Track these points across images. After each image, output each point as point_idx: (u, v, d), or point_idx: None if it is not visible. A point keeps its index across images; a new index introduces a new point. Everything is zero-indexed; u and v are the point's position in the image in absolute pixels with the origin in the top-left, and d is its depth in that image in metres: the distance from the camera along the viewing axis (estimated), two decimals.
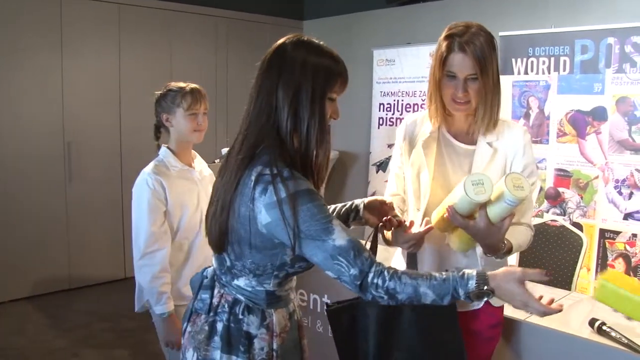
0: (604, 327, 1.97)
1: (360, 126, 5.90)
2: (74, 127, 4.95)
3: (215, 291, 1.58)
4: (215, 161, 4.43)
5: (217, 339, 1.53)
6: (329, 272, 1.42)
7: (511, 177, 1.52)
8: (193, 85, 2.35)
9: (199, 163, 2.51)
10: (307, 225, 1.39)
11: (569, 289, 3.02)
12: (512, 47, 4.17)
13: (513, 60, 4.16)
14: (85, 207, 5.07)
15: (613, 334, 1.93)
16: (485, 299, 1.41)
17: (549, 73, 4.02)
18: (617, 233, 3.78)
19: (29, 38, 4.65)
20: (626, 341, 1.89)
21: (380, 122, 5.60)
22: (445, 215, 1.62)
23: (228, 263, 1.55)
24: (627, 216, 3.73)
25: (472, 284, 1.37)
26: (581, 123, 3.90)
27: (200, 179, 2.43)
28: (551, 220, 3.57)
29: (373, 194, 5.58)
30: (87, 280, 5.09)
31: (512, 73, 4.17)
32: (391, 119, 5.51)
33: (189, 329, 1.60)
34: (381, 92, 5.57)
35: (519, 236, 1.75)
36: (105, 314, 4.47)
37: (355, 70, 6.01)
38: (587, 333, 1.99)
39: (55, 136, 4.90)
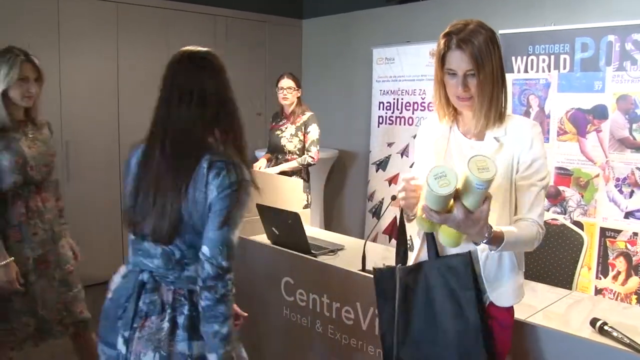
0: (606, 327, 1.96)
1: (359, 125, 5.89)
2: (72, 126, 4.93)
3: (163, 291, 1.68)
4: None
5: (180, 332, 1.64)
6: (205, 249, 1.61)
7: (474, 160, 1.51)
8: None
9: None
10: (235, 212, 1.63)
11: (570, 288, 3.00)
12: (512, 45, 4.16)
13: (513, 58, 4.15)
14: (84, 206, 5.05)
15: (615, 334, 1.91)
16: None
17: (549, 71, 4.00)
18: (618, 232, 3.76)
19: (26, 37, 4.61)
20: (628, 341, 1.87)
21: (380, 121, 5.59)
22: (423, 216, 1.62)
23: (178, 255, 1.67)
24: (628, 215, 3.72)
25: None
26: (582, 121, 3.88)
27: None
28: (552, 219, 3.55)
29: (372, 193, 5.56)
30: (86, 280, 5.05)
31: (512, 71, 4.15)
32: (391, 118, 5.49)
33: (137, 334, 1.65)
34: (381, 90, 5.56)
35: (515, 227, 1.74)
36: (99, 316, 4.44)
37: (354, 69, 6.01)
38: (589, 333, 1.98)
39: (54, 135, 4.88)
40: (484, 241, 1.65)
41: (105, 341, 1.78)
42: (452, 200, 1.56)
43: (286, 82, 4.48)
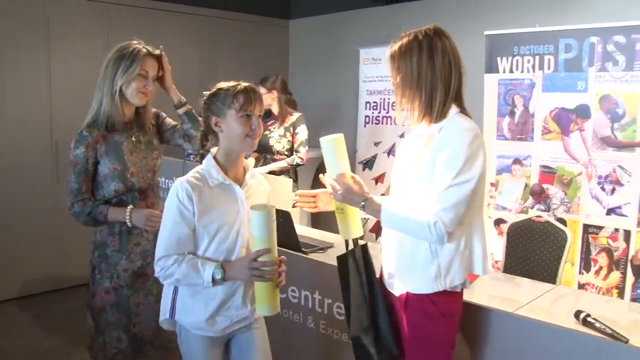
0: (589, 319, 2.03)
1: (346, 124, 5.95)
2: (62, 126, 4.93)
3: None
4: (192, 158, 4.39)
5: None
6: None
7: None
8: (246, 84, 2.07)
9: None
10: None
11: (554, 282, 3.08)
12: (497, 46, 4.23)
13: (498, 58, 4.22)
14: None
15: (597, 324, 1.99)
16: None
17: (534, 71, 4.08)
18: (600, 228, 3.85)
19: (16, 37, 4.64)
20: (610, 331, 1.95)
21: (367, 121, 5.65)
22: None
23: None
24: (610, 211, 3.81)
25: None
26: (565, 120, 3.97)
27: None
28: (536, 217, 3.63)
29: None
30: (75, 280, 5.08)
31: (498, 71, 4.23)
32: (377, 118, 5.55)
33: None
34: (367, 90, 5.62)
35: (405, 209, 1.93)
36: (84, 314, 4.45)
37: (341, 69, 6.06)
38: (573, 324, 2.05)
39: (43, 135, 4.89)
40: (361, 210, 2.01)
41: None
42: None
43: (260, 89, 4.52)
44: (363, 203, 1.98)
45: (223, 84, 2.04)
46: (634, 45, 3.61)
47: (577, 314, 2.08)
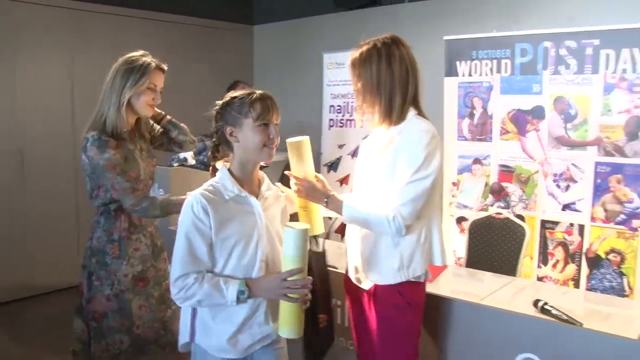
0: (546, 306, 2.18)
1: (311, 128, 6.04)
2: (27, 135, 4.92)
3: None
4: (174, 165, 4.46)
5: None
6: None
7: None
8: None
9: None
10: None
11: (514, 275, 3.24)
12: (456, 50, 4.39)
13: (457, 62, 4.38)
14: (39, 215, 5.04)
15: (554, 311, 2.14)
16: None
17: (492, 75, 4.25)
18: (556, 223, 4.04)
19: None
20: (565, 317, 2.10)
21: (331, 124, 5.76)
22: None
23: None
24: (565, 207, 3.99)
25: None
26: (522, 121, 4.14)
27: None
28: (496, 214, 3.79)
29: None
30: (43, 288, 5.06)
31: (457, 75, 4.39)
32: (341, 121, 5.67)
33: None
34: (331, 94, 5.73)
35: (366, 205, 2.04)
36: (64, 321, 4.39)
37: (306, 73, 6.16)
38: (532, 312, 2.19)
39: (8, 143, 4.86)
40: (325, 206, 2.12)
41: None
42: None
43: None
44: (326, 200, 2.10)
45: (236, 93, 1.95)
46: (584, 49, 3.81)
47: (535, 303, 2.23)
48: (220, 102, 1.95)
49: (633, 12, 3.80)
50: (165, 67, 2.56)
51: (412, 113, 2.09)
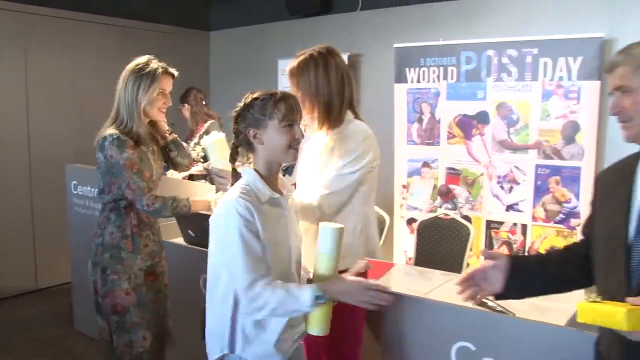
0: (483, 299, 2.33)
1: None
2: None
3: None
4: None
5: None
6: None
7: None
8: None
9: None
10: None
11: (460, 272, 3.40)
12: (405, 57, 4.57)
13: (407, 69, 4.55)
14: None
15: (490, 303, 2.29)
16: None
17: (439, 81, 4.43)
18: (501, 223, 4.24)
19: None
20: (500, 309, 2.26)
21: None
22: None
23: None
24: (509, 208, 4.20)
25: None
26: (467, 126, 4.34)
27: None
28: (444, 214, 3.96)
29: None
30: (8, 292, 5.00)
31: (406, 81, 4.56)
32: None
33: None
34: None
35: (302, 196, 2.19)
36: (23, 325, 4.42)
37: (261, 80, 6.23)
38: (470, 304, 2.33)
39: None
40: None
41: None
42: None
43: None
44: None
45: (257, 94, 1.88)
46: (525, 58, 4.02)
47: None
48: (240, 104, 1.90)
49: (569, 24, 4.02)
50: (173, 71, 2.64)
51: (349, 117, 2.26)
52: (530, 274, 1.75)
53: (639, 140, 1.52)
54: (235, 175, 1.93)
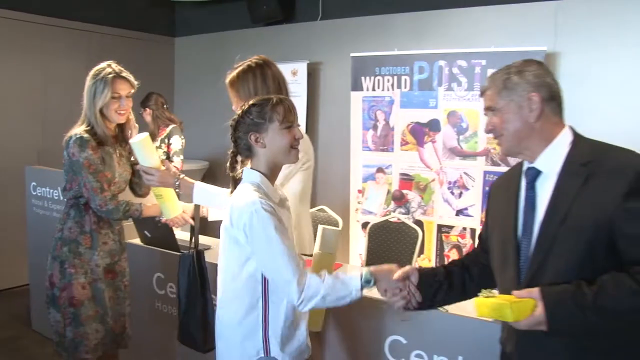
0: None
1: (230, 138, 6.22)
2: None
3: None
4: None
5: None
6: None
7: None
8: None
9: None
10: None
11: None
12: (361, 66, 4.71)
13: (362, 78, 4.70)
14: None
15: None
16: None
17: (393, 90, 4.58)
18: (451, 227, 4.39)
19: None
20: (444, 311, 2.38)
21: None
22: None
23: None
24: (459, 212, 4.35)
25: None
26: (420, 133, 4.49)
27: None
28: (397, 219, 4.09)
29: None
30: None
31: (362, 89, 4.71)
32: None
33: None
34: None
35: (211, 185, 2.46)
36: None
37: (224, 85, 6.31)
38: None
39: None
40: (177, 189, 2.38)
41: None
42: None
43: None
44: (177, 182, 2.36)
45: (253, 100, 1.94)
46: (474, 68, 4.19)
47: None
48: (238, 112, 1.94)
49: (516, 37, 4.20)
50: (127, 75, 2.70)
51: None
52: (438, 285, 1.85)
53: (513, 154, 1.69)
54: (235, 183, 1.99)
